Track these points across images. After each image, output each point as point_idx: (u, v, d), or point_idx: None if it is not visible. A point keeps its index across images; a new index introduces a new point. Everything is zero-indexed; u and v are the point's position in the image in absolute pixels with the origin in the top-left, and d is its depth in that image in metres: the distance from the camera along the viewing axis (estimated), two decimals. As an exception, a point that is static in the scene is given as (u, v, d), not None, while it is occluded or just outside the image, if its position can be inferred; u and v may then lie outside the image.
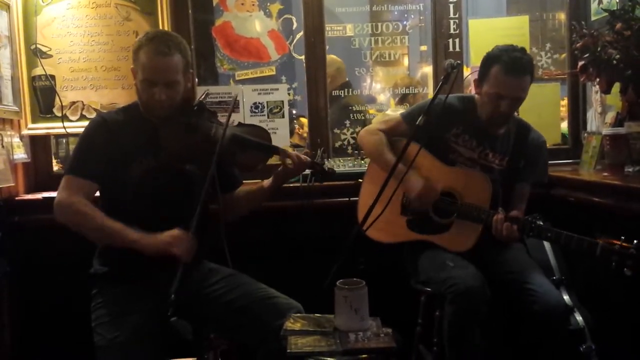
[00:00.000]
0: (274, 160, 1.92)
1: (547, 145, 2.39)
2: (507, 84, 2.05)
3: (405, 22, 3.16)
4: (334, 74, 3.11)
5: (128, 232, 1.70)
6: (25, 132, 2.58)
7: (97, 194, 1.86)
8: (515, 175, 2.18)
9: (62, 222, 1.76)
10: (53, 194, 2.41)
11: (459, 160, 2.20)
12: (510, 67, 2.03)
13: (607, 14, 2.34)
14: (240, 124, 2.02)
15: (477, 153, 2.19)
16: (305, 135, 3.36)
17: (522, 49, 2.11)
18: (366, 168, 2.39)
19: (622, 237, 1.70)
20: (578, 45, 2.44)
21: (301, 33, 2.90)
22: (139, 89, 1.82)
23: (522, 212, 2.13)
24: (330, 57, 3.02)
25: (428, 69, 3.28)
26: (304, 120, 3.55)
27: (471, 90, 2.63)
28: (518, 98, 2.10)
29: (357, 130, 3.01)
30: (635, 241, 1.67)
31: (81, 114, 2.63)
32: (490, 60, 2.09)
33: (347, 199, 2.39)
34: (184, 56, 1.80)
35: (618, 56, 2.25)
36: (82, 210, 1.73)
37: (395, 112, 2.93)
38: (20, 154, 2.48)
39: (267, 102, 2.79)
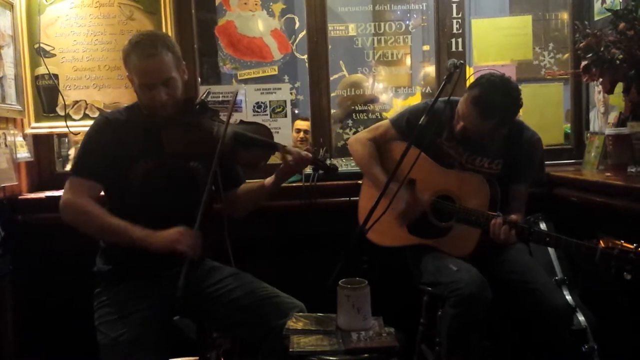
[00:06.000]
0: (275, 159, 1.92)
1: (550, 145, 2.38)
2: (467, 113, 2.01)
3: (407, 22, 3.15)
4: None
5: (134, 230, 1.70)
6: (28, 131, 2.59)
7: (102, 193, 1.86)
8: (512, 176, 2.13)
9: (69, 222, 1.76)
10: (56, 193, 2.43)
11: (454, 164, 2.17)
12: (478, 101, 1.97)
13: (610, 13, 2.35)
14: (242, 122, 2.02)
15: (464, 158, 2.15)
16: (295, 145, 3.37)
17: (506, 89, 1.97)
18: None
19: (622, 241, 1.67)
20: (581, 45, 2.43)
21: (304, 32, 2.89)
22: (138, 93, 1.82)
23: (522, 214, 2.09)
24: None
25: (431, 69, 3.28)
26: (301, 124, 3.55)
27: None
28: (474, 131, 2.03)
29: (359, 129, 3.01)
30: (634, 245, 1.64)
31: (84, 113, 2.63)
32: (474, 81, 2.04)
33: (349, 198, 2.39)
34: (172, 52, 1.79)
35: (621, 56, 2.25)
36: (87, 210, 1.73)
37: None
38: (24, 153, 2.49)
39: (269, 101, 2.80)
